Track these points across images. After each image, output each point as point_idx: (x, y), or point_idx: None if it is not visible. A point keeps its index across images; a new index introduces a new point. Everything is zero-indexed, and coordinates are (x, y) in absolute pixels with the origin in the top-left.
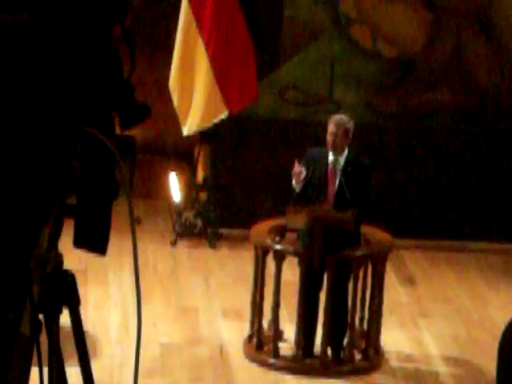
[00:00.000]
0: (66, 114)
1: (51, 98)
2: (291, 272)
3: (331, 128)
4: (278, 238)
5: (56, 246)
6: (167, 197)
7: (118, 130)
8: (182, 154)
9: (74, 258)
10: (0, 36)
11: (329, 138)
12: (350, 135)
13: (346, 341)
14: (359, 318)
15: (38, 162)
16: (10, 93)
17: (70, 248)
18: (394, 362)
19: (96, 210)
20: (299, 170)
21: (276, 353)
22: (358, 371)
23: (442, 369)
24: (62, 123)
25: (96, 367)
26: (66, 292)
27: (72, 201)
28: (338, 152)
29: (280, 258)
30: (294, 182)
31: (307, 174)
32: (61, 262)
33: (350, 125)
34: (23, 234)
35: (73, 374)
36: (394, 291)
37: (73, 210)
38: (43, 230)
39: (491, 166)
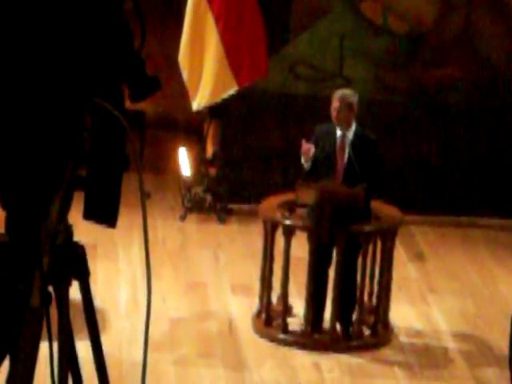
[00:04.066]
0: (76, 85)
1: (62, 69)
2: (300, 247)
3: (335, 103)
4: (287, 214)
5: (66, 218)
6: (177, 172)
7: (128, 103)
8: (191, 128)
9: (83, 233)
10: (12, 7)
11: (333, 113)
12: (355, 109)
13: (354, 316)
14: (368, 294)
15: (48, 135)
16: (20, 64)
17: (80, 223)
18: (402, 338)
19: (106, 182)
20: (308, 148)
21: (285, 328)
22: (366, 346)
23: (450, 344)
24: (73, 95)
25: (105, 341)
26: (76, 263)
27: (82, 173)
28: (344, 127)
29: (289, 233)
30: (303, 159)
31: (316, 151)
32: (71, 234)
33: (354, 98)
34: (34, 205)
35: (82, 348)
36: (403, 267)
37: (83, 183)
38: (53, 202)
39: (502, 142)
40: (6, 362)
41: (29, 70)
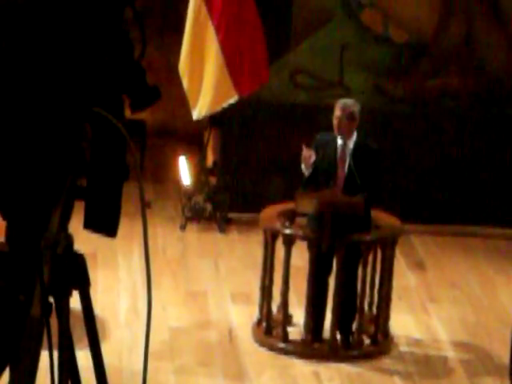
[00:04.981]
0: (76, 95)
1: (62, 79)
2: (300, 256)
3: (336, 112)
4: (287, 223)
5: (66, 228)
6: (177, 181)
7: (128, 113)
8: (191, 137)
9: (83, 242)
10: (12, 16)
11: (335, 121)
12: (357, 118)
13: (354, 325)
14: (368, 303)
15: (48, 145)
16: (20, 74)
17: (80, 232)
18: (402, 347)
19: (106, 192)
20: (309, 154)
21: (285, 337)
22: (366, 356)
23: (450, 353)
24: (73, 105)
25: (105, 350)
26: (76, 273)
27: (82, 183)
28: (345, 136)
29: (289, 242)
30: (303, 166)
31: (316, 159)
32: (71, 244)
33: (356, 108)
34: (34, 215)
35: (82, 357)
36: (403, 276)
37: (83, 193)
38: (54, 212)
39: (501, 151)
40: (7, 372)
41: (28, 80)
